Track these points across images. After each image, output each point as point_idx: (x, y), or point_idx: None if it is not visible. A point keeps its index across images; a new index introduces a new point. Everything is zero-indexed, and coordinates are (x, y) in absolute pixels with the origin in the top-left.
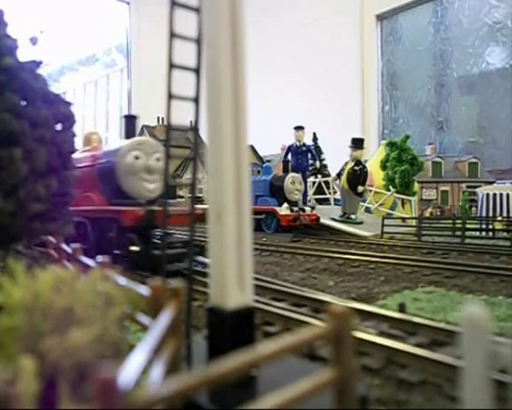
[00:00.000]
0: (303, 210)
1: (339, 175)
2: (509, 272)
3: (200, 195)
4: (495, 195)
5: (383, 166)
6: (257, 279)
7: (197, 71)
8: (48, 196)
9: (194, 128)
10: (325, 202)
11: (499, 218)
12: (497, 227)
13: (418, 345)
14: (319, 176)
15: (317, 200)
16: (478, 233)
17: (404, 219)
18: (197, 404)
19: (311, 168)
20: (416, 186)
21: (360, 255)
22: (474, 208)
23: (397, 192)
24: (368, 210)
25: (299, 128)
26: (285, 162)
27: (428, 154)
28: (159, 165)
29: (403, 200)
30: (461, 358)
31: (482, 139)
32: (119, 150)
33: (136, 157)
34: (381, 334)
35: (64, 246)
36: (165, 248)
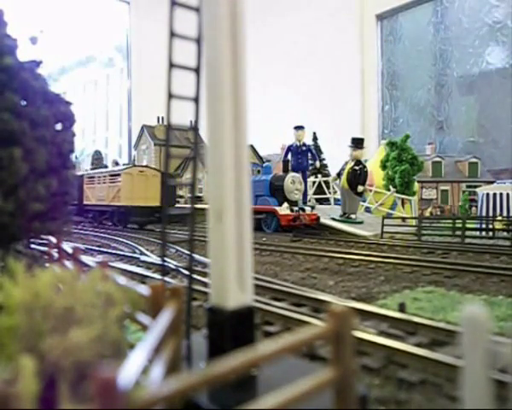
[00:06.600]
0: (303, 210)
1: (339, 175)
2: (509, 272)
3: (199, 194)
4: (495, 194)
5: (383, 166)
6: (257, 279)
7: (197, 71)
8: (48, 196)
9: (195, 128)
10: (325, 201)
11: (499, 217)
12: (497, 227)
13: (418, 345)
14: (319, 176)
15: (316, 200)
16: (478, 233)
17: (404, 218)
18: (197, 404)
19: (310, 168)
20: (416, 186)
21: (360, 255)
22: (474, 208)
23: (397, 192)
24: (368, 210)
25: (299, 128)
26: (285, 162)
27: (428, 153)
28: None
29: (403, 200)
30: (461, 358)
31: (482, 139)
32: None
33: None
34: (381, 333)
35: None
36: (164, 246)
